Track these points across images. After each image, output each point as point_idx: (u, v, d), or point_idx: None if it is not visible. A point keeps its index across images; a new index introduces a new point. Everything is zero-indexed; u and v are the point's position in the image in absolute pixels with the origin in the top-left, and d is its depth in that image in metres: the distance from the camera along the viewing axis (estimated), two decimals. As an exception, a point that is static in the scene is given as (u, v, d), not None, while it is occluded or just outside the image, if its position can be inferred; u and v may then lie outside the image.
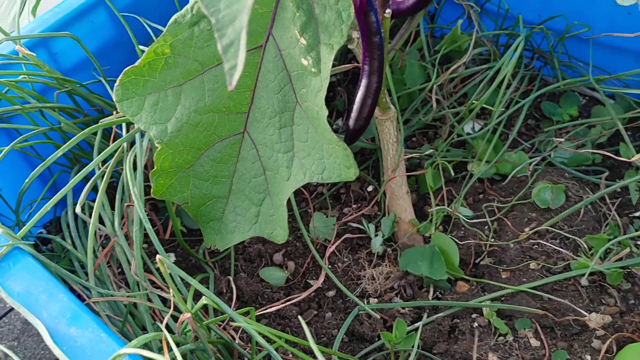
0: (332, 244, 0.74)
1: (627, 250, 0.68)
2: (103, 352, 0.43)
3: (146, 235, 0.66)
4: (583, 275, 0.67)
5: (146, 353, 0.37)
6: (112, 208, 0.67)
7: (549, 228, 0.70)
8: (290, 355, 0.64)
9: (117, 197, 0.63)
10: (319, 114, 0.49)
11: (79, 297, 0.62)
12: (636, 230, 0.72)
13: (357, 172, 0.50)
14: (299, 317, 0.44)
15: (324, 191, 0.82)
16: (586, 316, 0.64)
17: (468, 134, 0.82)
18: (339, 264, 0.74)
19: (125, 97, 0.54)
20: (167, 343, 0.44)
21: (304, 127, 0.52)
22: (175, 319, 0.60)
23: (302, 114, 0.52)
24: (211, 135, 0.56)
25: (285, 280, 0.73)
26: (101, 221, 0.67)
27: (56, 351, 0.43)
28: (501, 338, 0.64)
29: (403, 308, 0.68)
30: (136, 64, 0.53)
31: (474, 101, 0.76)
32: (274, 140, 0.54)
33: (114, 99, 0.54)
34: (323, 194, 0.82)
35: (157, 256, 0.46)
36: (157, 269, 0.69)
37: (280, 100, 0.53)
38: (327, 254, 0.73)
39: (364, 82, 0.63)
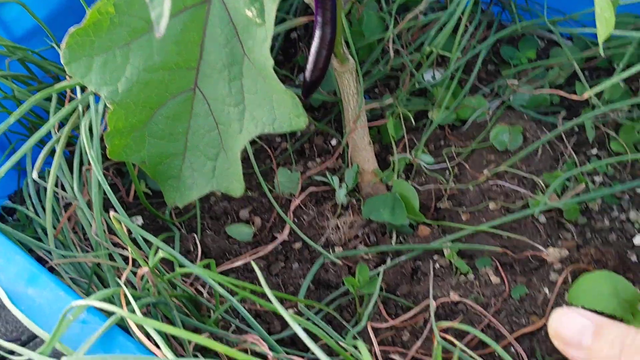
0: (297, 198, 0.75)
1: (583, 185, 0.70)
2: (61, 309, 0.43)
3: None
4: (541, 212, 0.69)
5: (96, 303, 0.38)
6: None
7: (508, 169, 0.71)
8: (258, 306, 0.66)
9: (75, 161, 0.63)
10: (266, 64, 0.49)
11: (45, 263, 0.62)
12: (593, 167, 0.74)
13: (306, 120, 0.50)
14: (252, 261, 0.45)
15: (288, 147, 0.83)
16: (544, 251, 0.66)
17: (428, 82, 0.82)
18: (305, 217, 0.75)
19: (72, 59, 0.54)
20: (126, 297, 0.45)
21: (252, 79, 0.52)
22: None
23: (250, 65, 0.52)
24: (163, 93, 0.56)
25: (252, 236, 0.74)
26: (64, 188, 0.68)
27: (14, 311, 0.43)
28: (462, 277, 0.66)
29: (367, 254, 0.69)
30: (81, 24, 0.52)
31: (428, 47, 0.76)
32: (224, 94, 0.54)
33: (62, 62, 0.54)
34: (287, 150, 0.83)
35: (112, 213, 0.47)
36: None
37: (229, 53, 0.53)
38: (292, 207, 0.74)
39: (317, 34, 0.63)
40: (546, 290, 0.64)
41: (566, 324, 0.40)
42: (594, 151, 0.76)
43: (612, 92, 0.76)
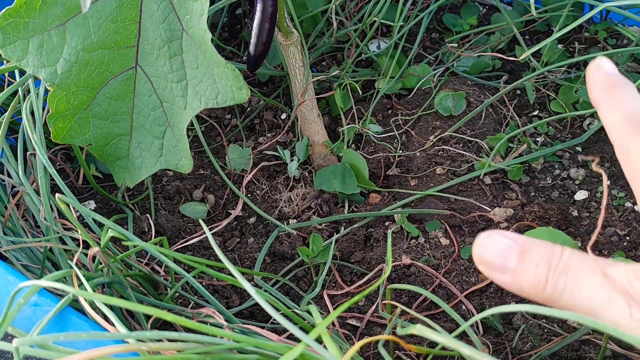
0: (249, 173, 0.76)
1: (525, 146, 0.72)
2: (10, 293, 0.43)
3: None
4: (486, 174, 0.71)
5: (45, 283, 0.38)
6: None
7: (453, 134, 0.73)
8: (216, 281, 0.66)
9: (19, 146, 0.62)
10: (204, 37, 0.49)
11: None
12: (535, 128, 0.76)
13: (248, 92, 0.50)
14: (201, 221, 0.45)
15: (238, 123, 0.83)
16: (490, 211, 0.68)
17: (374, 52, 0.83)
18: (258, 192, 0.75)
19: (7, 42, 0.53)
20: (77, 277, 0.45)
21: (193, 54, 0.52)
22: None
23: (189, 40, 0.52)
24: (104, 73, 0.56)
25: (206, 213, 0.74)
26: (10, 175, 0.67)
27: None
28: (413, 241, 0.68)
29: (320, 224, 0.70)
30: (12, 5, 0.51)
31: (370, 17, 0.77)
32: (166, 70, 0.54)
33: (-3, 45, 0.52)
34: (237, 126, 0.83)
35: (58, 195, 0.46)
36: (78, 215, 0.69)
37: (167, 29, 0.52)
38: (244, 183, 0.74)
39: (259, 7, 0.63)
40: (493, 248, 0.66)
41: (489, 247, 0.37)
42: (536, 113, 0.78)
43: (551, 55, 0.78)
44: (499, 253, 0.36)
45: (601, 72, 0.41)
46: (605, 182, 0.33)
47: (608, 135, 0.40)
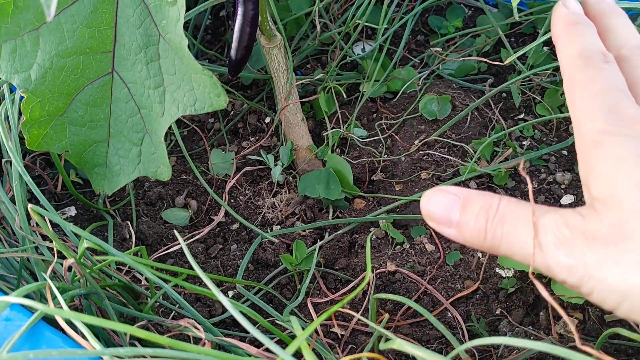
0: (232, 179, 0.74)
1: (510, 150, 0.71)
2: (-19, 307, 0.42)
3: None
4: (472, 178, 0.70)
5: (15, 300, 0.37)
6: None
7: (438, 138, 0.72)
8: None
9: (-6, 154, 0.61)
10: (181, 44, 0.48)
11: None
12: (520, 132, 0.76)
13: (227, 99, 0.49)
14: (176, 232, 0.44)
15: (221, 127, 0.82)
16: (475, 217, 0.67)
17: (358, 55, 0.82)
18: (241, 197, 0.74)
19: (-21, 47, 0.52)
20: (51, 290, 0.44)
21: (170, 60, 0.51)
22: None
23: (166, 46, 0.51)
24: (79, 79, 0.54)
25: (189, 220, 0.73)
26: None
27: None
28: (398, 247, 0.67)
29: (304, 231, 0.69)
30: (-17, 10, 0.50)
31: (354, 20, 0.76)
32: (143, 76, 0.53)
33: (-32, 51, 0.51)
34: (220, 130, 0.82)
35: (30, 206, 0.45)
36: (54, 224, 0.68)
37: (143, 34, 0.51)
38: (227, 188, 0.73)
39: (240, 11, 0.62)
40: (479, 254, 0.65)
41: (435, 203, 0.38)
42: (521, 116, 0.78)
43: (536, 57, 0.78)
44: (444, 207, 0.38)
45: (566, 10, 0.43)
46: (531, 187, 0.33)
47: (560, 69, 0.40)
